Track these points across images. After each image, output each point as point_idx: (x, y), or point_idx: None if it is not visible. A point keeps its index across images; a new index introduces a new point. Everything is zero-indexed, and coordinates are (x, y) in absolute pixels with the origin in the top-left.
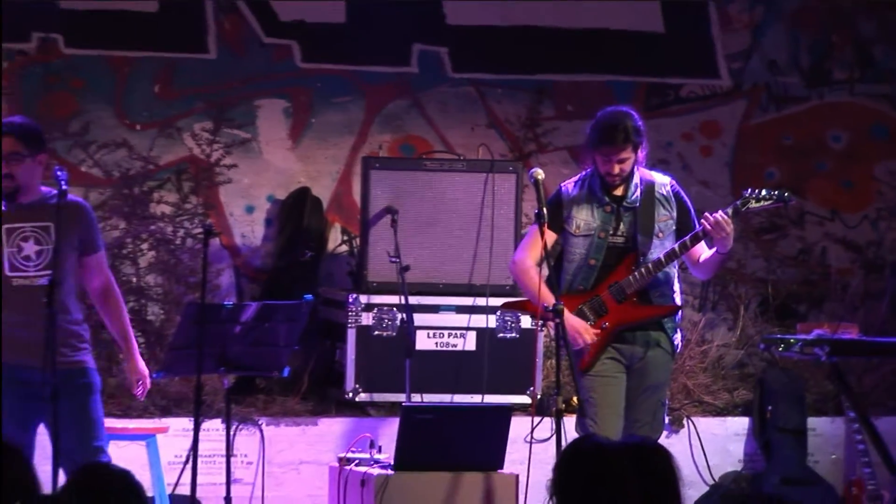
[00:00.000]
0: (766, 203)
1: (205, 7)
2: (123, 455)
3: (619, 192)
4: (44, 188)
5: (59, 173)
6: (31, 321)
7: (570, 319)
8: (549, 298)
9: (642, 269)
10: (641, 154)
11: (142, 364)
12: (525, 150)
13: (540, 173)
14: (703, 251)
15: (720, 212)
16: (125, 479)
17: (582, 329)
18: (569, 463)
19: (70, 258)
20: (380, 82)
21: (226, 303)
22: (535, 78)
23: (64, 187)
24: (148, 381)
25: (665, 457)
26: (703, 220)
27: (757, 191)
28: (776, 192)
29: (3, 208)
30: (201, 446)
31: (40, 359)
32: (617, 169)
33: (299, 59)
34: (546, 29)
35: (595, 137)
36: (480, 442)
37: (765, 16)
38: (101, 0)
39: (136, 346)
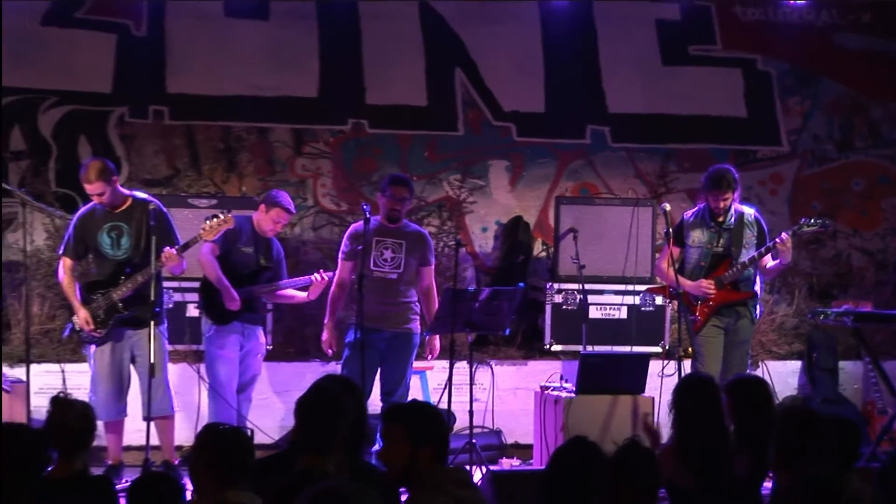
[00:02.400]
0: (814, 228)
1: (456, 103)
2: None
3: (721, 218)
4: (405, 220)
5: (364, 206)
6: (383, 301)
7: (694, 287)
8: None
9: (734, 269)
10: (737, 194)
11: (437, 343)
12: (658, 192)
13: (667, 207)
14: (769, 262)
15: (784, 233)
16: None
17: (704, 284)
18: (683, 388)
19: (411, 265)
20: (566, 149)
21: (469, 288)
22: (664, 146)
23: (368, 216)
24: (436, 351)
25: (762, 382)
26: (776, 239)
27: (808, 219)
28: (820, 221)
29: (370, 226)
30: (454, 378)
31: (385, 324)
32: (722, 205)
33: (515, 135)
34: (671, 115)
35: (709, 184)
36: (630, 376)
37: (811, 106)
38: (393, 97)
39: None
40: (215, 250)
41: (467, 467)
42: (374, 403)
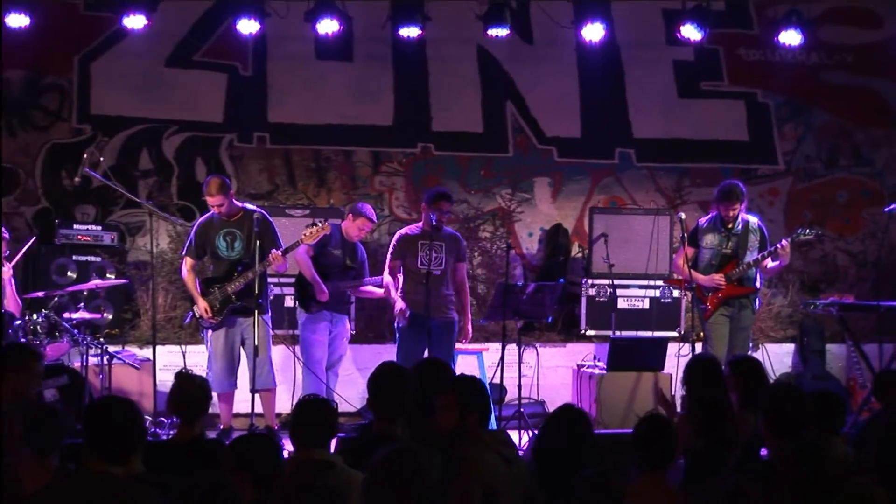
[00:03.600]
0: (808, 237)
1: (507, 129)
2: (464, 363)
3: (730, 225)
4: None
5: (432, 217)
6: (426, 292)
7: (707, 280)
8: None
9: (740, 268)
10: (743, 205)
11: (469, 327)
12: (675, 203)
13: (683, 216)
14: (770, 263)
15: (784, 239)
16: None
17: (717, 278)
18: (692, 367)
19: (449, 262)
20: (598, 168)
21: (518, 283)
22: (680, 165)
23: (434, 223)
24: (469, 335)
25: (756, 361)
26: (777, 244)
27: (803, 230)
28: (813, 231)
29: (415, 231)
30: (506, 358)
31: (428, 311)
32: (731, 214)
33: (556, 156)
34: (686, 139)
35: (720, 196)
36: (651, 356)
37: (803, 131)
38: (455, 125)
39: (468, 316)
40: (310, 251)
41: (516, 432)
42: None
